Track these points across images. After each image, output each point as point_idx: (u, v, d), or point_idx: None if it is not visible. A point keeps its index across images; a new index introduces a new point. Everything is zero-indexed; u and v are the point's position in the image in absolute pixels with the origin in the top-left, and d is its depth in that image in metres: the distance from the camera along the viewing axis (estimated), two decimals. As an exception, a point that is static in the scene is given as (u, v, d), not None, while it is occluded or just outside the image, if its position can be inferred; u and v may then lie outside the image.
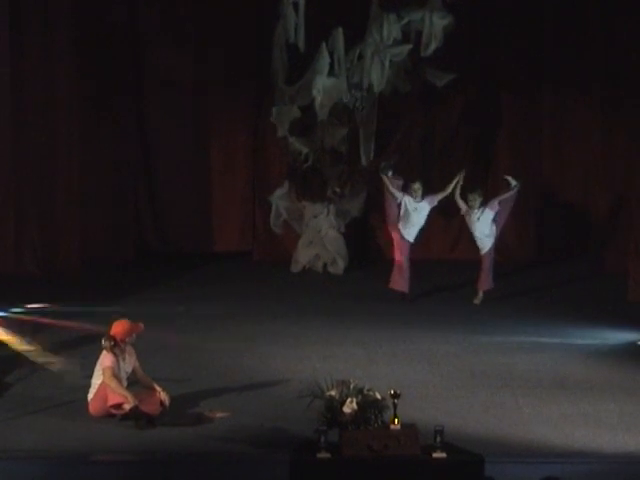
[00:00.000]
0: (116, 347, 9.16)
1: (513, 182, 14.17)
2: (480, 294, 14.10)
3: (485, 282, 14.12)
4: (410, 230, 14.15)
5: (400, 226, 14.14)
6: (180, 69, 17.36)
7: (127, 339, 9.26)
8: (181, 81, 17.39)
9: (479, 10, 16.72)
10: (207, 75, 17.37)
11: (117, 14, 17.01)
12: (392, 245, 14.43)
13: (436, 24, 15.40)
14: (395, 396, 8.16)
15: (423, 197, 14.16)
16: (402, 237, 14.16)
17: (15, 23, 15.44)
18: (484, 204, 14.03)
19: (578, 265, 16.37)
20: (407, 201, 14.12)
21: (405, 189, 14.29)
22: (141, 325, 9.36)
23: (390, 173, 14.37)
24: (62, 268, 15.77)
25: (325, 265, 16.56)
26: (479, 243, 14.15)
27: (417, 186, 14.17)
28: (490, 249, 14.13)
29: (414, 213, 14.11)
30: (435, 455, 7.87)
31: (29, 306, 13.60)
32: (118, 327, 9.28)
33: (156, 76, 17.37)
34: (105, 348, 9.15)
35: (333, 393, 8.19)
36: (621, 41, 15.82)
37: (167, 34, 17.25)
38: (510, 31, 16.91)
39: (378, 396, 8.19)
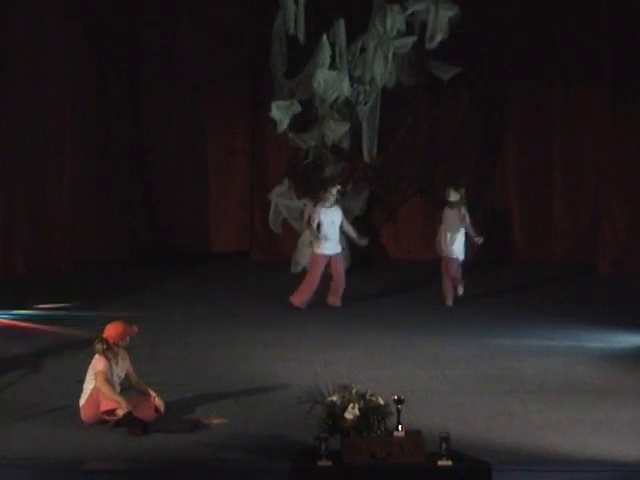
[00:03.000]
0: (109, 351, 9.14)
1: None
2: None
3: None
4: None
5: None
6: (176, 64, 17.37)
7: (120, 342, 9.24)
8: (177, 76, 17.40)
9: (485, 1, 16.71)
10: (204, 70, 17.37)
11: (111, 9, 17.03)
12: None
13: (441, 15, 15.37)
14: (399, 402, 8.14)
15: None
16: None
17: (4, 20, 15.46)
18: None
19: (589, 266, 16.35)
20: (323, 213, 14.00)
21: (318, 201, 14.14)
22: (135, 328, 9.35)
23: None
24: (53, 269, 15.77)
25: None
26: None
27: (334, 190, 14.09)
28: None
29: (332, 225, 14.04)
30: (441, 463, 7.85)
31: (18, 310, 13.61)
32: (111, 330, 9.26)
33: (152, 72, 17.38)
34: (97, 352, 9.14)
35: (334, 398, 8.18)
36: (634, 34, 15.82)
37: (163, 29, 17.27)
38: (518, 23, 16.91)
39: (381, 402, 8.18)
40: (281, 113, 15.91)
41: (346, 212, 16.59)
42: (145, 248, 17.65)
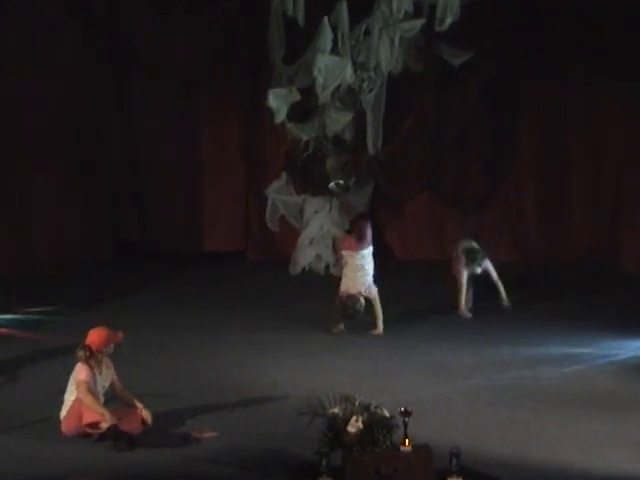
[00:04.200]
0: (92, 358, 9.12)
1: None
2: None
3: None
4: None
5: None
6: (167, 51, 17.35)
7: (104, 349, 9.22)
8: (167, 64, 17.38)
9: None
10: (196, 56, 17.35)
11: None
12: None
13: (453, -5, 15.35)
14: (406, 414, 8.13)
15: None
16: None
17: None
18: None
19: (611, 269, 16.33)
20: None
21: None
22: (120, 334, 9.33)
23: None
24: (33, 269, 15.75)
25: (327, 266, 16.53)
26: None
27: None
28: None
29: None
30: (450, 480, 7.85)
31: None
32: (94, 336, 9.25)
33: (141, 59, 17.37)
34: (79, 359, 9.12)
35: (336, 410, 8.18)
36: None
37: (152, 12, 17.26)
38: (535, 5, 16.87)
39: (386, 414, 8.17)
40: (279, 102, 15.88)
41: (348, 208, 16.63)
42: (132, 247, 17.64)
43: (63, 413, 9.14)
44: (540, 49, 16.84)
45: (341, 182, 16.39)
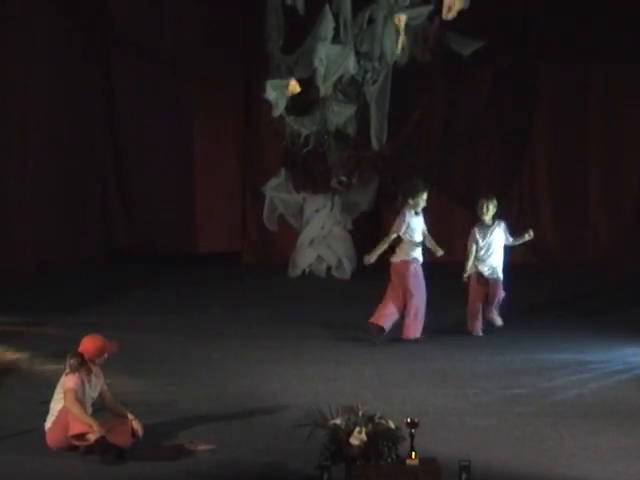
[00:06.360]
0: (83, 368, 9.10)
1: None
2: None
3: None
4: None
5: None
6: (156, 38, 17.34)
7: (97, 359, 9.20)
8: (157, 52, 17.37)
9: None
10: (188, 44, 17.35)
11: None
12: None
13: (461, -20, 15.37)
14: (412, 425, 8.13)
15: None
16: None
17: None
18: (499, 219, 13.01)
19: (630, 270, 16.32)
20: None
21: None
22: (115, 344, 9.31)
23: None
24: (13, 271, 15.73)
25: (329, 269, 16.55)
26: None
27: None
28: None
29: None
30: (460, 496, 7.85)
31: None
32: (88, 344, 9.22)
33: (128, 47, 17.36)
34: (71, 368, 9.09)
35: (338, 421, 8.16)
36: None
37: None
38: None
39: (392, 425, 8.16)
40: (277, 94, 15.88)
41: (352, 207, 16.64)
42: (122, 248, 17.64)
43: (48, 424, 9.12)
44: (558, 37, 16.82)
45: (343, 179, 16.41)
